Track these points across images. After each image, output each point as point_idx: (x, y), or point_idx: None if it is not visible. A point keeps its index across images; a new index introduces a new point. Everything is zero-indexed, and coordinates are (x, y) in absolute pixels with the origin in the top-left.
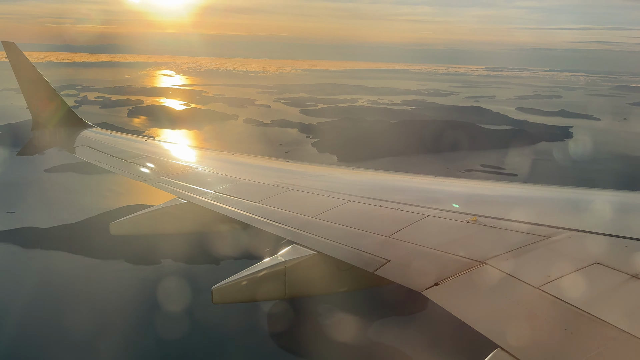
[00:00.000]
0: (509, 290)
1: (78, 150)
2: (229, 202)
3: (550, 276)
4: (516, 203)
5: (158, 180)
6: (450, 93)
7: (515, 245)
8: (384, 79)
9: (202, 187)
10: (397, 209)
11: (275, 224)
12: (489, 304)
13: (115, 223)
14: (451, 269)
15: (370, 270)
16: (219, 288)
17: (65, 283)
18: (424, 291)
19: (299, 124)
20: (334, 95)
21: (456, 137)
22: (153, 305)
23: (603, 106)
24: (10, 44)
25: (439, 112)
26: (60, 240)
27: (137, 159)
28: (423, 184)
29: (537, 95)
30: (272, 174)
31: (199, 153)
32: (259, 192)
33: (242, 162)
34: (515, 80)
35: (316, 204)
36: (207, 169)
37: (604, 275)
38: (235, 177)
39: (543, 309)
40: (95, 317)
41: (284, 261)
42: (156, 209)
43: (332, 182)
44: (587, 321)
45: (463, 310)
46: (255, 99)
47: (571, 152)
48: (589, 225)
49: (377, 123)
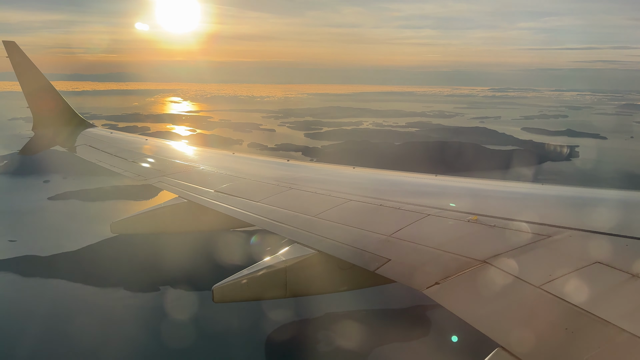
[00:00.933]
0: (510, 290)
1: (79, 150)
2: (230, 201)
3: (551, 275)
4: (517, 202)
5: (159, 179)
6: (456, 114)
7: (516, 245)
8: (388, 101)
9: (203, 186)
10: (397, 208)
11: (275, 222)
12: (490, 303)
13: (116, 222)
14: (452, 268)
15: (371, 269)
16: (219, 287)
17: (61, 312)
18: (425, 290)
19: (303, 147)
20: (338, 118)
21: (460, 158)
22: (151, 335)
23: (609, 125)
24: (11, 43)
25: (444, 133)
26: (60, 269)
27: (138, 158)
28: (424, 183)
29: (542, 115)
30: (273, 173)
31: (200, 152)
32: (259, 191)
33: (242, 161)
34: (520, 100)
35: (317, 203)
36: (208, 168)
37: (605, 275)
38: (236, 176)
39: (544, 308)
40: (90, 345)
41: (285, 260)
42: (157, 208)
43: (333, 181)
44: (588, 320)
45: (464, 309)
46: (261, 124)
47: (577, 172)
48: (590, 224)
49: (381, 145)
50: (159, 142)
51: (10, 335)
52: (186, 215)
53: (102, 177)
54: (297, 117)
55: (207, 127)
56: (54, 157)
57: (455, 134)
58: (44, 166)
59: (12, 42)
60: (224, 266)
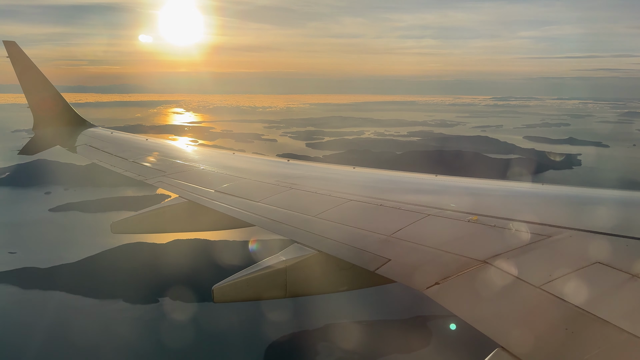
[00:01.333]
0: (510, 290)
1: (79, 150)
2: (230, 201)
3: (551, 275)
4: (517, 202)
5: (159, 179)
6: (457, 123)
7: (516, 245)
8: (390, 111)
9: (203, 186)
10: (398, 207)
11: (276, 222)
12: (490, 303)
13: (117, 222)
14: (452, 268)
15: (371, 269)
16: (220, 287)
17: (60, 324)
18: (425, 290)
19: (304, 157)
20: (340, 128)
21: (462, 167)
22: (150, 347)
23: (612, 133)
24: (11, 43)
25: (446, 142)
26: (60, 280)
27: (138, 157)
28: (424, 183)
29: (545, 124)
30: (273, 172)
31: (201, 151)
32: (260, 191)
33: (243, 161)
34: (522, 109)
35: (317, 202)
36: (209, 167)
37: (605, 275)
38: (236, 176)
39: (544, 308)
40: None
41: (285, 260)
42: (157, 208)
43: (333, 181)
44: (588, 321)
45: (464, 310)
46: (262, 134)
47: (580, 180)
48: (590, 224)
49: (382, 154)
50: (159, 141)
51: (10, 347)
52: (186, 215)
53: (104, 188)
54: (298, 127)
55: (209, 138)
56: (55, 168)
57: (457, 143)
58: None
59: (12, 42)
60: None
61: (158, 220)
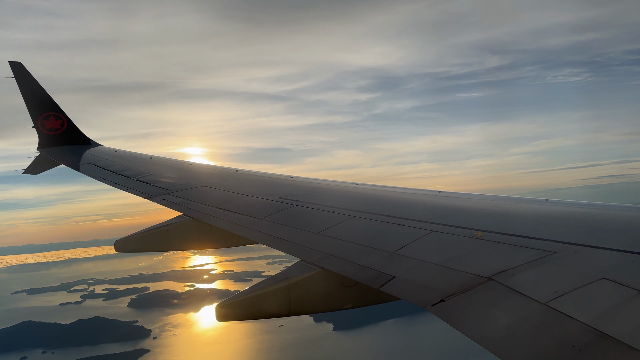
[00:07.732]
0: (516, 307)
1: (83, 169)
2: (233, 218)
3: (557, 292)
4: (522, 218)
5: (162, 197)
6: None
7: (521, 261)
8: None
9: (206, 203)
10: (402, 224)
11: (280, 239)
12: (496, 321)
13: (120, 240)
14: (457, 285)
15: (376, 286)
16: (222, 305)
17: None
18: (430, 308)
19: None
20: None
21: None
22: None
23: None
24: (17, 64)
25: None
26: None
27: (141, 176)
28: (428, 199)
29: None
30: (277, 189)
31: (204, 169)
32: (263, 208)
33: (246, 178)
34: None
35: (321, 219)
36: (213, 185)
37: (611, 291)
38: (239, 194)
39: (550, 325)
40: None
41: (289, 277)
42: (161, 226)
43: (337, 197)
44: (595, 337)
45: (469, 328)
46: (264, 270)
47: None
48: (596, 240)
49: None
50: (163, 159)
51: None
52: (190, 233)
53: (85, 347)
54: None
55: (207, 281)
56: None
57: None
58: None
59: (18, 63)
60: None
61: (161, 239)
